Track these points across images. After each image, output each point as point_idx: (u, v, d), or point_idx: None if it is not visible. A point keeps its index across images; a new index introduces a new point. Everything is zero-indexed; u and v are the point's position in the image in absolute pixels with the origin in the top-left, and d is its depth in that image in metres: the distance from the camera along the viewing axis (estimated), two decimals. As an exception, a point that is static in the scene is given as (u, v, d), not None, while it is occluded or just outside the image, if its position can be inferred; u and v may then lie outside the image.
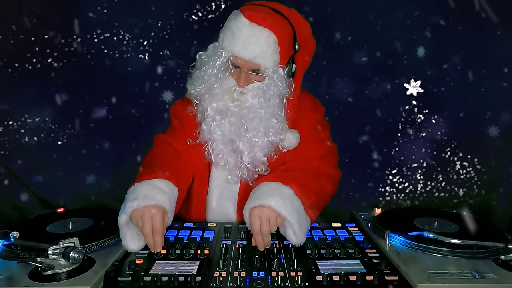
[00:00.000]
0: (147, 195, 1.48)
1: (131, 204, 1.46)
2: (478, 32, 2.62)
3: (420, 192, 2.86)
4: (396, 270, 1.36)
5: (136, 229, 1.49)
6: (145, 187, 1.52)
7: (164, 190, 1.54)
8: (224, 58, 1.71)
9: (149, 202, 1.46)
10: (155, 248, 1.46)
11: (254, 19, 1.66)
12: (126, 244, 1.48)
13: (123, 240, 1.48)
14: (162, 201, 1.49)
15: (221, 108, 1.75)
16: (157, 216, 1.45)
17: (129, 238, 1.48)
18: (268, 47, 1.67)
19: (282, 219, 1.49)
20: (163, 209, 1.49)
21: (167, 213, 1.51)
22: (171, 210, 1.54)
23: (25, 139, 2.74)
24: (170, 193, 1.56)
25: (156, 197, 1.48)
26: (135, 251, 1.50)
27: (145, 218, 1.44)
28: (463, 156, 2.79)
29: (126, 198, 1.51)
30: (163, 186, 1.55)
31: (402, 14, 2.66)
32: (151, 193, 1.49)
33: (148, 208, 1.45)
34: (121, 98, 2.77)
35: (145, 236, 1.45)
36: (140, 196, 1.47)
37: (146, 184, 1.53)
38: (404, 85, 2.73)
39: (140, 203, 1.45)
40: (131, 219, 1.47)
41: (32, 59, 2.68)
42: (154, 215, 1.45)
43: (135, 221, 1.46)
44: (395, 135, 2.82)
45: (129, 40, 2.72)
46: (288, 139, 1.80)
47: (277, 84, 1.73)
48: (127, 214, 1.46)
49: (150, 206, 1.45)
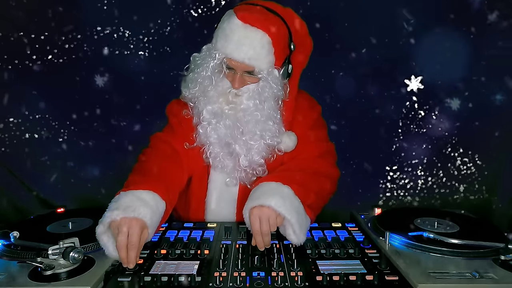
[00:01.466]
0: (128, 205, 1.39)
1: (110, 214, 1.37)
2: (480, 29, 2.61)
3: (420, 188, 2.86)
4: (396, 270, 1.36)
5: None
6: (129, 198, 1.43)
7: (149, 204, 1.44)
8: (218, 60, 1.69)
9: (129, 214, 1.37)
10: (127, 263, 1.34)
11: (247, 20, 1.64)
12: (111, 253, 1.40)
13: (107, 250, 1.40)
14: (143, 214, 1.39)
15: (216, 111, 1.74)
16: (135, 229, 1.35)
17: (112, 248, 1.39)
18: (262, 48, 1.65)
19: (282, 218, 1.48)
20: (142, 223, 1.39)
21: (147, 229, 1.41)
22: (151, 225, 1.43)
23: (25, 138, 2.73)
24: (154, 207, 1.46)
25: (138, 210, 1.39)
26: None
27: (121, 230, 1.34)
28: (463, 152, 2.79)
29: (109, 207, 1.42)
30: (148, 198, 1.46)
31: (404, 9, 2.64)
32: (133, 205, 1.40)
33: (127, 220, 1.36)
34: (122, 97, 2.76)
35: (118, 249, 1.34)
36: (121, 207, 1.39)
37: (130, 195, 1.45)
38: (404, 81, 2.72)
39: (119, 213, 1.36)
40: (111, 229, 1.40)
41: (32, 56, 2.68)
42: (131, 227, 1.35)
43: (114, 232, 1.37)
44: (395, 131, 2.81)
45: (129, 37, 2.71)
46: (285, 142, 1.79)
47: (272, 86, 1.71)
48: (103, 224, 1.38)
49: (129, 218, 1.36)
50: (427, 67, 2.70)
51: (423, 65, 2.70)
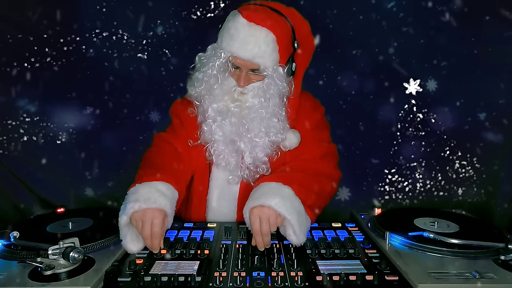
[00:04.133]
0: (149, 197, 1.47)
1: (133, 205, 1.45)
2: (479, 32, 2.61)
3: (419, 191, 2.86)
4: (396, 270, 1.36)
5: (136, 231, 1.48)
6: (146, 189, 1.51)
7: (166, 194, 1.53)
8: (223, 59, 1.70)
9: (151, 205, 1.45)
10: (153, 249, 1.45)
11: (252, 18, 1.66)
12: (126, 245, 1.47)
13: (124, 240, 1.47)
14: (163, 204, 1.48)
15: (222, 108, 1.75)
16: (158, 219, 1.44)
17: (129, 239, 1.48)
18: (267, 46, 1.67)
19: (282, 219, 1.49)
20: (164, 213, 1.48)
21: (167, 217, 1.51)
22: (171, 214, 1.53)
23: (24, 139, 2.73)
24: (171, 197, 1.55)
25: (158, 201, 1.47)
26: (134, 252, 1.49)
27: (145, 221, 1.43)
28: (462, 155, 2.79)
29: (127, 198, 1.50)
30: (164, 189, 1.54)
31: (402, 12, 2.65)
32: (153, 196, 1.48)
33: (150, 211, 1.44)
34: (121, 98, 2.76)
35: (144, 239, 1.44)
36: (141, 198, 1.46)
37: (147, 186, 1.52)
38: (403, 84, 2.73)
39: (141, 205, 1.45)
40: (130, 220, 1.47)
41: (31, 58, 2.67)
42: (155, 218, 1.44)
43: (134, 223, 1.45)
44: (394, 134, 2.82)
45: (128, 39, 2.72)
46: (290, 139, 1.80)
47: (277, 83, 1.72)
48: (127, 215, 1.45)
49: (152, 209, 1.45)
50: (426, 70, 2.71)
51: (421, 68, 2.71)
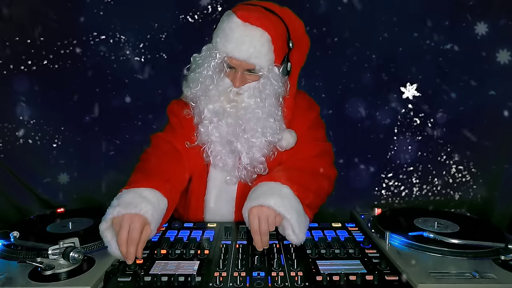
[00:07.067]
0: (130, 202, 1.40)
1: (112, 211, 1.38)
2: (476, 35, 2.63)
3: (415, 195, 2.87)
4: (396, 270, 1.36)
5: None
6: (131, 195, 1.44)
7: (150, 200, 1.44)
8: (218, 59, 1.71)
9: (130, 210, 1.38)
10: (126, 258, 1.35)
11: (247, 18, 1.66)
12: (113, 252, 1.40)
13: (109, 248, 1.40)
14: (144, 211, 1.40)
15: (218, 109, 1.75)
16: (136, 224, 1.36)
17: (115, 246, 1.39)
18: (262, 46, 1.67)
19: (281, 218, 1.49)
20: (143, 219, 1.39)
21: (148, 225, 1.42)
22: (153, 222, 1.43)
23: (24, 139, 2.73)
24: (155, 204, 1.46)
25: (139, 206, 1.39)
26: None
27: (122, 225, 1.35)
28: (458, 160, 2.80)
29: (111, 204, 1.43)
30: (150, 196, 1.46)
31: (400, 16, 2.67)
32: (134, 201, 1.41)
33: (128, 216, 1.37)
34: (119, 100, 2.77)
35: (119, 245, 1.35)
36: (123, 203, 1.40)
37: (132, 192, 1.45)
38: (400, 88, 2.74)
39: (120, 210, 1.38)
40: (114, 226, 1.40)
41: (28, 61, 2.68)
42: (132, 223, 1.36)
43: (115, 228, 1.38)
44: (391, 138, 2.83)
45: (125, 43, 2.72)
46: (286, 139, 1.81)
47: (273, 83, 1.73)
48: (106, 221, 1.39)
49: (130, 215, 1.37)
50: (423, 75, 2.72)
51: (419, 73, 2.72)
